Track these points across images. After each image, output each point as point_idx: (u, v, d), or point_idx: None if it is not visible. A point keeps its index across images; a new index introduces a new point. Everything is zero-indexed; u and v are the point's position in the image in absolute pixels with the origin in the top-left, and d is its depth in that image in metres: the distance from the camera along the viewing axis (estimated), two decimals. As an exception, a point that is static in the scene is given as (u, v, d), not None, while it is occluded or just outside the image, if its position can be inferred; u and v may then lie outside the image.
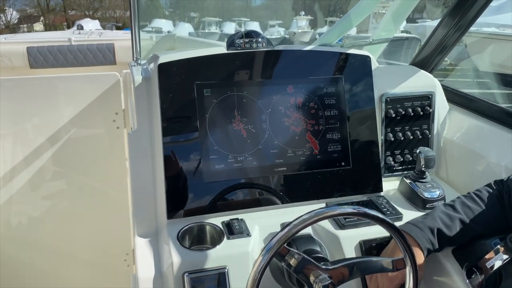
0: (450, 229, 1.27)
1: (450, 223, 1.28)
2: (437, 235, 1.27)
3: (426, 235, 1.27)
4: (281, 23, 22.84)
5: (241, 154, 1.47)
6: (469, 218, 1.29)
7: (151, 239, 1.41)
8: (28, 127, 2.21)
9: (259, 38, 1.56)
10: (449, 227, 1.28)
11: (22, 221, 2.36)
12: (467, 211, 1.30)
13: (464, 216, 1.29)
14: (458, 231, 1.27)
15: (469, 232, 1.29)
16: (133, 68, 1.65)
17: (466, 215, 1.29)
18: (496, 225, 1.28)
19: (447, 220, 1.29)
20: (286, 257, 1.07)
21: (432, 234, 1.27)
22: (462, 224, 1.28)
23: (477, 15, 1.74)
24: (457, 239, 1.28)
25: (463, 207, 1.31)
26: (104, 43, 4.13)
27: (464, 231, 1.28)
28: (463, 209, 1.30)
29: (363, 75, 1.62)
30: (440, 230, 1.27)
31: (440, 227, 1.27)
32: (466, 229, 1.28)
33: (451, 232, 1.27)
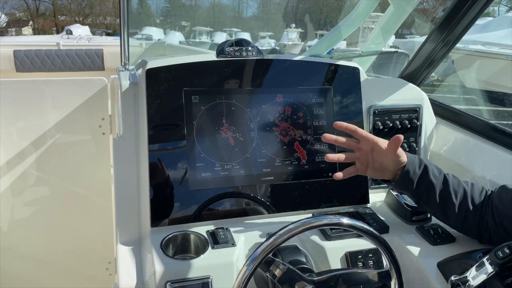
0: (435, 178, 1.29)
1: (438, 175, 1.30)
2: (422, 171, 1.30)
3: (415, 161, 1.31)
4: (272, 34, 23.02)
5: (228, 162, 1.46)
6: (453, 188, 1.29)
7: (134, 247, 1.38)
8: (12, 131, 2.17)
9: (249, 46, 1.56)
10: (435, 176, 1.30)
11: (2, 227, 2.31)
12: (455, 182, 1.31)
13: (450, 182, 1.30)
14: (438, 188, 1.29)
15: (444, 199, 1.29)
16: (120, 73, 1.64)
17: (452, 184, 1.30)
18: (466, 219, 1.29)
19: (436, 170, 1.31)
20: (271, 268, 1.06)
21: (419, 165, 1.31)
22: (445, 186, 1.29)
23: (464, 32, 1.78)
24: (432, 195, 1.29)
25: (454, 177, 1.32)
26: (93, 48, 4.10)
27: (442, 192, 1.29)
28: (453, 178, 1.32)
29: (352, 87, 1.63)
30: (427, 169, 1.29)
31: (428, 166, 1.30)
32: (445, 193, 1.29)
33: (435, 181, 1.29)
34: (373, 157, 1.33)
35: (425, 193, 1.31)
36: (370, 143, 1.31)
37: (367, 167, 1.35)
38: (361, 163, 1.35)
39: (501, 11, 10.15)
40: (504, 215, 1.22)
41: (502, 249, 1.09)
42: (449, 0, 1.75)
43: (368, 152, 1.33)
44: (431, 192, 1.30)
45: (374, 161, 1.33)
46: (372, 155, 1.33)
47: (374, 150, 1.31)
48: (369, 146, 1.32)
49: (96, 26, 31.11)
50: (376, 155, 1.32)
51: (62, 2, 36.40)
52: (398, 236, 1.41)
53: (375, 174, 1.36)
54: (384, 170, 1.33)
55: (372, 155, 1.33)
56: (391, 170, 1.32)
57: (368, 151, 1.33)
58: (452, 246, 1.35)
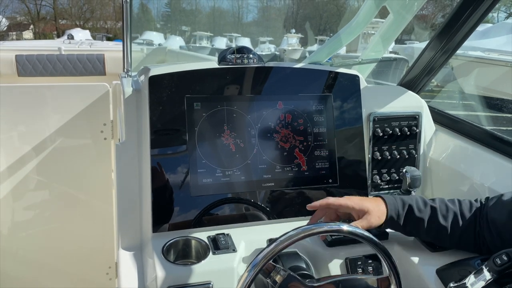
0: (421, 212, 1.29)
1: (423, 208, 1.30)
2: (407, 211, 1.29)
3: (396, 203, 1.30)
4: (272, 40, 23.08)
5: (229, 168, 1.47)
6: (441, 214, 1.29)
7: (135, 252, 1.39)
8: (14, 135, 2.19)
9: (250, 54, 1.58)
10: (420, 210, 1.29)
11: (3, 231, 2.31)
12: (442, 207, 1.30)
13: (438, 208, 1.29)
14: (426, 219, 1.28)
15: (435, 227, 1.29)
16: (123, 80, 1.65)
17: (440, 210, 1.29)
18: (462, 238, 1.29)
19: (421, 203, 1.31)
20: (271, 274, 1.06)
21: (402, 207, 1.30)
22: (432, 215, 1.29)
23: (463, 39, 1.79)
24: (422, 227, 1.29)
25: (441, 203, 1.32)
26: (94, 53, 4.12)
27: (432, 222, 1.29)
28: (439, 204, 1.31)
29: (351, 94, 1.65)
30: (411, 207, 1.29)
31: (412, 204, 1.29)
32: (434, 221, 1.29)
33: (421, 215, 1.29)
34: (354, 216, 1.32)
35: (414, 229, 1.31)
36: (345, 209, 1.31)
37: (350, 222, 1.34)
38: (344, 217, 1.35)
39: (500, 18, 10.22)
40: (501, 228, 1.21)
41: (500, 256, 1.10)
42: (448, 6, 1.76)
43: (347, 213, 1.33)
44: (420, 227, 1.30)
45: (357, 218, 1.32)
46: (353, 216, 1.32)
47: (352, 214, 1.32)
48: (346, 215, 1.33)
49: (96, 30, 31.20)
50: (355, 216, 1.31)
51: (63, 6, 36.51)
52: (397, 242, 1.42)
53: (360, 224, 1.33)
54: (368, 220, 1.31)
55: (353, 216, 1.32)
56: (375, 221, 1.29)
57: (346, 213, 1.33)
58: (451, 253, 1.36)
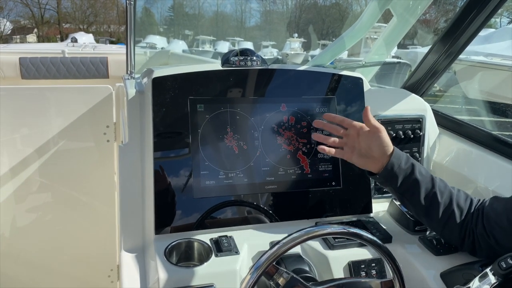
0: (422, 176, 1.29)
1: (424, 174, 1.30)
2: (409, 167, 1.30)
3: (402, 156, 1.32)
4: (275, 44, 23.16)
5: (232, 170, 1.47)
6: (439, 189, 1.29)
7: (137, 254, 1.39)
8: (17, 137, 2.19)
9: (253, 56, 1.58)
10: (421, 174, 1.30)
11: (5, 234, 2.31)
12: (441, 184, 1.30)
13: (437, 183, 1.30)
14: (424, 187, 1.28)
15: (430, 200, 1.28)
16: (127, 82, 1.65)
17: (439, 185, 1.29)
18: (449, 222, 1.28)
19: (423, 169, 1.32)
20: (274, 276, 1.06)
21: (406, 161, 1.31)
22: (432, 185, 1.29)
23: (466, 43, 1.79)
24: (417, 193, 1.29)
25: (441, 180, 1.32)
26: (98, 56, 4.13)
27: (428, 192, 1.29)
28: (439, 180, 1.31)
29: (355, 97, 1.64)
30: (414, 166, 1.30)
31: (415, 164, 1.31)
32: (430, 192, 1.28)
33: (421, 178, 1.29)
34: (360, 142, 1.36)
35: (410, 190, 1.30)
36: (356, 128, 1.36)
37: (353, 152, 1.38)
38: (348, 148, 1.39)
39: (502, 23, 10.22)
40: (496, 225, 1.21)
41: (505, 260, 1.09)
42: (451, 12, 1.77)
43: (354, 138, 1.37)
44: (416, 190, 1.29)
45: (360, 147, 1.36)
46: (359, 140, 1.36)
47: (360, 135, 1.35)
48: (355, 131, 1.36)
49: (100, 34, 31.36)
50: (362, 139, 1.35)
51: (67, 10, 36.73)
52: (401, 246, 1.41)
53: (360, 161, 1.37)
54: (369, 157, 1.34)
55: (359, 140, 1.36)
56: (377, 158, 1.33)
57: (354, 136, 1.37)
58: (455, 257, 1.35)
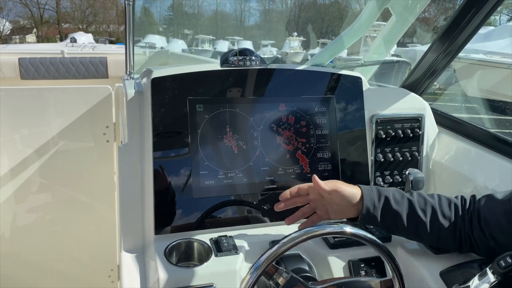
0: (398, 205, 1.25)
1: (400, 200, 1.25)
2: (384, 202, 1.25)
3: (372, 194, 1.26)
4: (274, 43, 23.15)
5: (231, 170, 1.47)
6: (420, 207, 1.24)
7: (137, 254, 1.39)
8: (16, 138, 2.19)
9: (252, 56, 1.58)
10: (398, 203, 1.25)
11: (5, 234, 2.31)
12: (420, 201, 1.26)
13: (415, 202, 1.25)
14: (405, 213, 1.24)
15: (414, 222, 1.24)
16: (126, 82, 1.66)
17: (418, 203, 1.25)
18: (441, 234, 1.24)
19: (398, 195, 1.27)
20: (274, 276, 1.06)
21: (378, 198, 1.25)
22: (411, 208, 1.24)
23: (465, 41, 1.79)
24: (400, 222, 1.25)
25: (419, 196, 1.27)
26: (97, 56, 4.13)
27: (410, 216, 1.24)
28: (417, 197, 1.27)
29: (354, 96, 1.64)
30: (388, 199, 1.25)
31: (388, 196, 1.25)
32: (412, 215, 1.24)
33: (398, 208, 1.24)
34: (327, 201, 1.30)
35: (392, 223, 1.27)
36: (316, 191, 1.30)
37: (327, 212, 1.32)
38: (320, 211, 1.33)
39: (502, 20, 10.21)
40: (495, 228, 1.18)
41: (504, 259, 1.09)
42: (451, 10, 1.76)
43: (320, 199, 1.31)
44: (398, 221, 1.26)
45: (330, 205, 1.31)
46: (325, 200, 1.30)
47: (323, 195, 1.29)
48: (317, 195, 1.31)
49: (99, 34, 31.34)
50: (326, 199, 1.30)
51: (66, 10, 36.71)
52: (400, 245, 1.41)
53: (338, 216, 1.32)
54: (343, 210, 1.30)
55: (325, 200, 1.30)
56: (350, 207, 1.28)
57: (319, 198, 1.31)
58: (454, 255, 1.35)
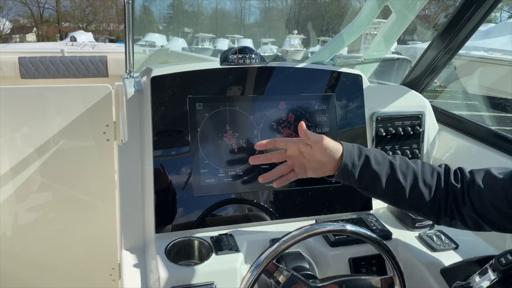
0: (379, 165, 1.19)
1: (381, 161, 1.20)
2: (363, 161, 1.19)
3: (353, 151, 1.20)
4: (274, 41, 23.11)
5: (231, 168, 1.47)
6: (401, 171, 1.18)
7: (138, 253, 1.39)
8: (16, 137, 2.19)
9: (252, 54, 1.57)
10: (378, 163, 1.19)
11: (6, 233, 2.32)
12: (403, 164, 1.20)
13: (397, 165, 1.19)
14: (384, 174, 1.19)
15: (393, 185, 1.18)
16: (125, 81, 1.65)
17: (400, 166, 1.19)
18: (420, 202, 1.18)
19: (379, 156, 1.21)
20: (274, 274, 1.06)
21: (358, 156, 1.20)
22: (392, 171, 1.18)
23: (466, 39, 1.78)
24: (379, 183, 1.19)
25: (401, 160, 1.22)
26: (97, 55, 4.13)
27: (389, 179, 1.19)
28: (400, 161, 1.21)
29: (354, 94, 1.64)
30: (368, 158, 1.19)
31: (369, 155, 1.19)
32: (392, 178, 1.18)
33: (379, 168, 1.18)
34: (306, 158, 1.24)
35: (370, 183, 1.20)
36: (295, 147, 1.24)
37: (306, 169, 1.27)
38: (298, 168, 1.28)
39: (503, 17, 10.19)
40: (491, 206, 1.09)
41: (505, 256, 1.09)
42: (451, 6, 1.76)
43: (298, 156, 1.26)
44: (376, 182, 1.19)
45: (309, 162, 1.26)
46: (304, 157, 1.25)
47: (302, 152, 1.23)
48: (296, 151, 1.25)
49: (99, 33, 31.30)
50: (306, 155, 1.24)
51: (66, 9, 36.70)
52: (401, 242, 1.42)
53: (316, 173, 1.26)
54: (322, 166, 1.23)
55: (304, 157, 1.25)
56: (330, 164, 1.22)
57: (297, 155, 1.25)
58: (455, 253, 1.35)
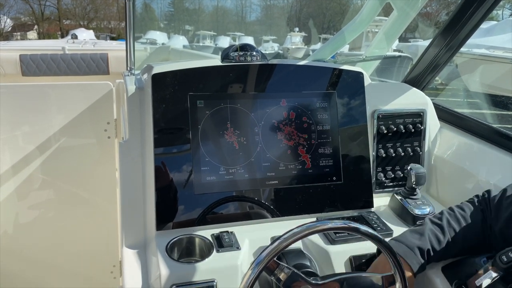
0: (438, 249, 1.28)
1: (437, 245, 1.29)
2: (427, 255, 1.27)
3: (416, 257, 1.26)
4: (275, 38, 23.06)
5: (232, 166, 1.47)
6: (454, 239, 1.29)
7: (139, 250, 1.39)
8: (18, 135, 2.19)
9: (253, 51, 1.57)
10: (435, 248, 1.28)
11: (8, 230, 2.32)
12: (451, 231, 1.31)
13: (449, 235, 1.30)
14: (444, 251, 1.28)
15: (452, 252, 1.30)
16: (126, 78, 1.65)
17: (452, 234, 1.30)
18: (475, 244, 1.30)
19: (435, 241, 1.29)
20: (275, 271, 1.06)
21: (421, 256, 1.27)
22: (448, 245, 1.29)
23: (467, 36, 1.78)
24: (441, 258, 1.30)
25: (449, 227, 1.32)
26: (98, 53, 4.13)
27: (449, 250, 1.29)
28: (448, 229, 1.31)
29: (356, 91, 1.64)
30: (429, 251, 1.28)
31: (429, 248, 1.28)
32: (451, 248, 1.29)
33: (438, 253, 1.28)
34: None
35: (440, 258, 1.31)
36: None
37: None
38: None
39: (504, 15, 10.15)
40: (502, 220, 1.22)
41: (506, 254, 1.09)
42: (453, 4, 1.75)
43: None
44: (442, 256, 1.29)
45: None
46: None
47: None
48: None
49: (100, 30, 31.28)
50: None
51: (67, 7, 36.66)
52: (402, 240, 1.41)
53: None
54: None
55: None
56: None
57: None
58: (456, 251, 1.35)
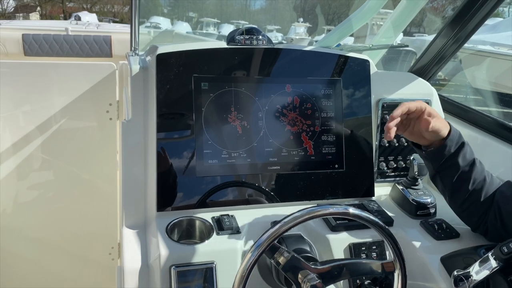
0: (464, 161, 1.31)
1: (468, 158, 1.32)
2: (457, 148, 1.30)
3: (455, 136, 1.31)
4: (279, 28, 22.88)
5: (235, 150, 1.46)
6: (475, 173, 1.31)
7: (139, 231, 1.39)
8: (18, 114, 2.17)
9: (259, 35, 1.55)
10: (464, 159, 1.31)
11: (7, 210, 2.32)
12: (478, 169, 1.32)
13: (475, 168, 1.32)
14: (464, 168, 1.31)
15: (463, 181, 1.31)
16: (130, 58, 1.64)
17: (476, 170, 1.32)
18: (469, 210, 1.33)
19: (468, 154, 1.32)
20: (275, 255, 1.06)
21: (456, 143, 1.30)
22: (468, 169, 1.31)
23: (475, 28, 1.76)
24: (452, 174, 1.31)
25: (480, 164, 1.34)
26: (101, 35, 4.10)
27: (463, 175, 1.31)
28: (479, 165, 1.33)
29: (361, 79, 1.62)
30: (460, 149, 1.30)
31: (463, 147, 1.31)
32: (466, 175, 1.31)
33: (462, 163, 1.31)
34: (416, 123, 1.31)
35: (446, 171, 1.32)
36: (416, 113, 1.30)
37: (406, 129, 1.34)
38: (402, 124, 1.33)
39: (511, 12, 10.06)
40: (505, 211, 1.23)
41: (507, 245, 1.09)
42: (459, 0, 1.74)
43: (413, 118, 1.32)
44: (451, 173, 1.31)
45: (414, 127, 1.32)
46: (416, 122, 1.31)
47: (419, 119, 1.30)
48: (417, 114, 1.30)
49: (103, 14, 31.01)
50: (419, 123, 1.30)
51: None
52: (402, 230, 1.41)
53: (411, 137, 1.35)
54: (421, 137, 1.33)
55: (416, 122, 1.31)
56: (428, 139, 1.32)
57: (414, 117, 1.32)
58: (456, 241, 1.35)
